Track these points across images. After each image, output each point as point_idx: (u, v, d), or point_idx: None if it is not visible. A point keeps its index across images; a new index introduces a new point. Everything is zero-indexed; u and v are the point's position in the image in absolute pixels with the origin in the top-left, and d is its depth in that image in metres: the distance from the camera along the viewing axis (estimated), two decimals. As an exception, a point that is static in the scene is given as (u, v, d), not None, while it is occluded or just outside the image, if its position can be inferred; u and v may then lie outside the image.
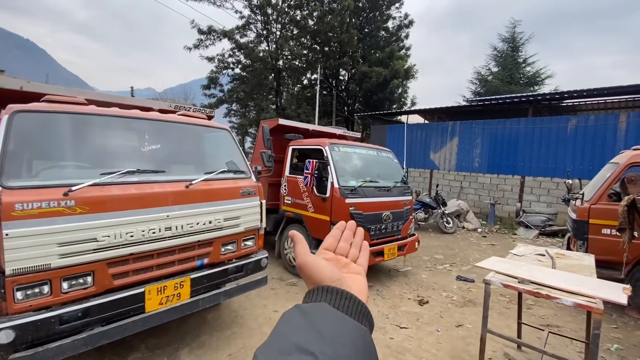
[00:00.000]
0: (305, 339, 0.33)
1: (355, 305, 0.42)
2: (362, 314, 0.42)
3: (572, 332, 3.63)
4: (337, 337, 0.34)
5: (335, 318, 0.37)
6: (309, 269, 0.47)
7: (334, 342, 0.33)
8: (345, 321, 0.38)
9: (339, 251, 0.56)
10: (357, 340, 0.36)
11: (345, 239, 0.58)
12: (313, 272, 0.47)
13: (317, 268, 0.47)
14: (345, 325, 0.37)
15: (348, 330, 0.36)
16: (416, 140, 12.90)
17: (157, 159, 2.73)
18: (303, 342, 0.32)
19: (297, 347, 0.32)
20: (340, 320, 0.37)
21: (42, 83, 3.02)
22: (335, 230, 0.58)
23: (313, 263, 0.48)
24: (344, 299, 0.41)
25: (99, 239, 2.21)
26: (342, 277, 0.47)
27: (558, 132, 9.72)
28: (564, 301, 1.98)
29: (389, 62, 20.03)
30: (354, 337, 0.35)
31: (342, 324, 0.37)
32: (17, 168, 2.16)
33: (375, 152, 5.45)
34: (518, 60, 19.83)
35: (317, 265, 0.47)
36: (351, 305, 0.41)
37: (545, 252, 2.95)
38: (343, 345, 0.33)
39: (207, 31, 18.32)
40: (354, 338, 0.35)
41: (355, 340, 0.35)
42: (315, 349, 0.31)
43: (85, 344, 2.15)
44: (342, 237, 0.58)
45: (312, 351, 0.31)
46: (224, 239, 2.96)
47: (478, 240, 8.23)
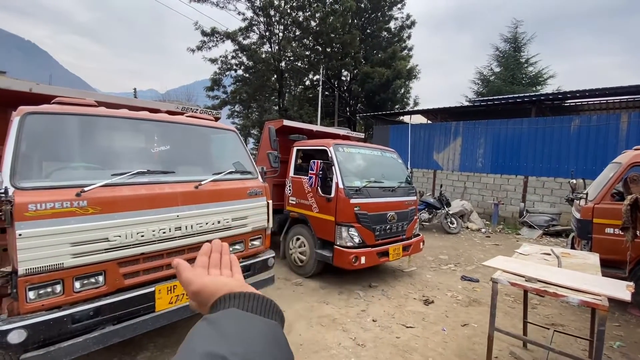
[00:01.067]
0: (214, 345, 0.33)
1: (264, 303, 0.43)
2: (271, 310, 0.43)
3: (576, 330, 3.64)
4: (246, 337, 0.35)
5: (244, 319, 0.39)
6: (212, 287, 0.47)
7: (243, 341, 0.34)
8: (253, 320, 0.39)
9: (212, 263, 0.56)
10: (267, 335, 0.37)
11: (214, 264, 0.56)
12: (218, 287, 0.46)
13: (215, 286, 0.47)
14: (253, 323, 0.38)
15: (257, 327, 0.37)
16: (419, 140, 12.90)
17: (166, 160, 2.76)
18: (213, 349, 0.32)
19: (207, 354, 0.32)
20: (248, 320, 0.39)
21: (50, 85, 3.06)
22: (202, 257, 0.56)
23: (210, 283, 0.48)
24: (252, 300, 0.43)
25: (110, 238, 2.24)
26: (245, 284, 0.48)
27: (561, 132, 9.71)
28: (570, 299, 1.99)
29: (391, 63, 20.05)
30: (263, 333, 0.37)
31: (251, 323, 0.38)
32: (29, 169, 2.19)
33: (380, 153, 5.47)
34: (520, 61, 19.80)
35: (214, 284, 0.47)
36: (259, 304, 0.42)
37: (551, 251, 2.97)
38: (252, 343, 0.34)
39: (210, 33, 18.42)
40: (264, 334, 0.37)
41: (265, 336, 0.37)
42: (226, 352, 0.32)
43: (97, 343, 2.18)
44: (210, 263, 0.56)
45: (223, 354, 0.31)
46: (232, 239, 2.98)
47: (482, 241, 8.23)
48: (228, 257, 0.58)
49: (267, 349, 0.35)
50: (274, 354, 0.35)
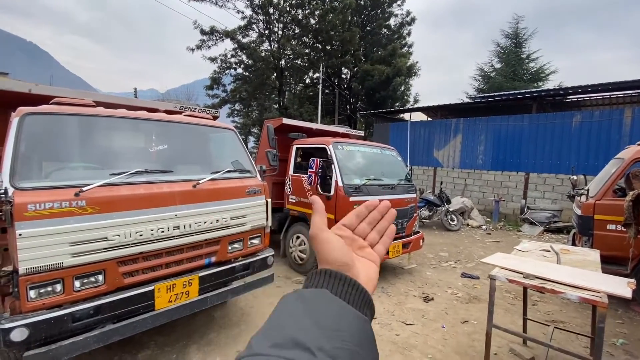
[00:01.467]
0: (302, 331, 0.32)
1: (359, 293, 0.40)
2: (364, 302, 0.40)
3: (577, 327, 3.63)
4: (336, 330, 0.33)
5: (336, 306, 0.36)
6: (320, 244, 0.45)
7: (333, 335, 0.32)
8: (345, 310, 0.36)
9: (358, 231, 0.52)
10: (357, 332, 0.34)
11: (370, 221, 0.53)
12: (323, 249, 0.44)
13: (328, 246, 0.45)
14: (345, 315, 0.36)
15: (348, 320, 0.35)
16: (419, 138, 12.87)
17: (164, 159, 2.77)
18: (300, 335, 0.31)
19: (294, 340, 0.30)
20: (340, 310, 0.36)
21: (49, 86, 3.07)
22: (362, 208, 0.53)
23: (326, 239, 0.45)
24: (347, 285, 0.40)
25: (109, 238, 2.25)
26: (352, 262, 0.44)
27: (562, 128, 9.67)
28: (569, 296, 1.99)
29: (391, 60, 19.99)
30: (354, 329, 0.34)
31: (342, 313, 0.36)
32: (28, 169, 2.20)
33: (379, 150, 5.46)
34: (521, 56, 19.70)
35: (328, 243, 0.45)
36: (354, 293, 0.40)
37: (550, 248, 2.96)
38: (342, 339, 0.32)
39: (209, 32, 18.40)
40: (354, 330, 0.34)
41: (355, 332, 0.34)
42: (312, 344, 0.30)
43: (97, 341, 2.20)
44: (367, 218, 0.53)
45: (309, 346, 0.30)
46: (230, 238, 2.99)
47: (482, 238, 8.22)
48: (387, 224, 0.54)
49: (355, 347, 0.32)
50: (362, 353, 0.33)
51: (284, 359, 0.29)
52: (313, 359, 0.29)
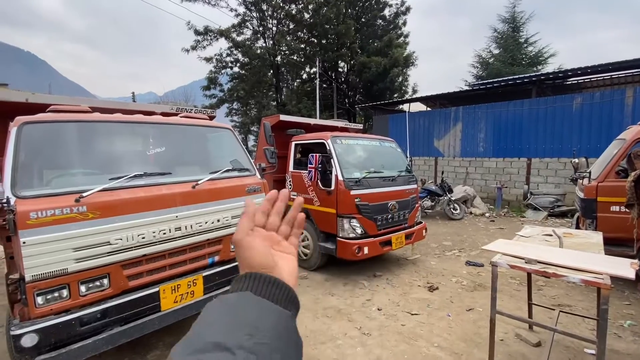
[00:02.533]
0: (222, 333, 0.33)
1: (282, 291, 0.42)
2: (288, 299, 0.42)
3: (583, 310, 3.64)
4: (256, 327, 0.34)
5: (257, 306, 0.37)
6: (244, 249, 0.46)
7: (253, 333, 0.33)
8: (267, 308, 0.38)
9: (269, 226, 0.52)
10: (279, 327, 0.36)
11: (277, 212, 0.53)
12: (246, 254, 0.45)
13: (252, 251, 0.46)
14: (267, 312, 0.37)
15: (270, 317, 0.36)
16: (419, 128, 12.81)
17: (162, 162, 2.78)
18: (220, 337, 0.32)
19: (213, 343, 0.31)
20: (262, 308, 0.37)
21: (46, 94, 3.08)
22: (265, 202, 0.53)
23: (249, 244, 0.46)
24: (270, 285, 0.41)
25: (112, 242, 2.27)
26: (274, 263, 0.46)
27: (563, 112, 9.59)
28: (571, 279, 1.99)
29: (388, 51, 19.85)
30: (275, 324, 0.36)
31: (264, 311, 0.37)
32: (29, 178, 2.22)
33: (378, 143, 5.45)
34: (519, 41, 19.47)
35: (252, 248, 0.46)
36: (277, 291, 0.41)
37: (552, 232, 2.96)
38: (262, 335, 0.33)
39: (203, 32, 18.33)
40: (275, 324, 0.36)
41: (277, 328, 0.35)
42: (232, 344, 0.31)
43: (106, 344, 2.23)
44: (273, 210, 0.53)
45: (229, 346, 0.31)
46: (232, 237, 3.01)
47: (486, 225, 8.21)
48: (296, 212, 0.55)
49: (276, 342, 0.34)
50: (282, 348, 0.34)
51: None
52: (233, 357, 0.30)
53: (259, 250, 0.46)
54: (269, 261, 0.45)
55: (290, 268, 0.49)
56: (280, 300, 0.41)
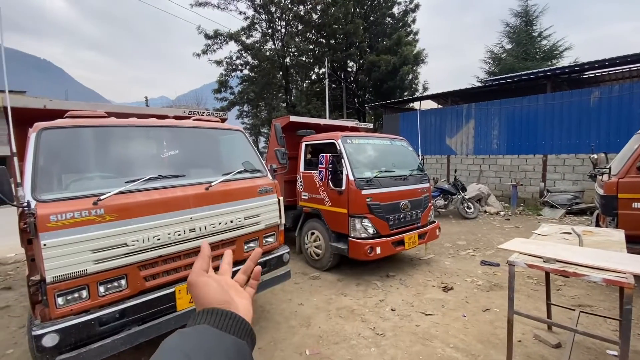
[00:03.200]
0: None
1: (238, 323, 0.44)
2: (244, 331, 0.44)
3: (605, 310, 3.52)
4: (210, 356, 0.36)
5: (213, 337, 0.39)
6: (199, 288, 0.48)
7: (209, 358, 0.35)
8: (223, 338, 0.40)
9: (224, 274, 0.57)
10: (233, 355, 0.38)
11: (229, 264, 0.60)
12: (202, 292, 0.47)
13: (207, 288, 0.48)
14: (222, 342, 0.39)
15: (225, 346, 0.38)
16: (430, 126, 12.66)
17: (176, 164, 2.82)
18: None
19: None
20: (218, 339, 0.39)
21: (63, 100, 3.18)
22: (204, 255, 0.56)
23: (204, 283, 0.48)
24: (227, 318, 0.43)
25: (128, 243, 2.32)
26: (231, 299, 0.48)
27: (580, 106, 9.32)
28: (592, 278, 1.93)
29: (397, 49, 19.69)
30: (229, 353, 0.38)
31: (220, 341, 0.39)
32: (48, 182, 2.29)
33: (389, 142, 5.41)
34: (533, 35, 19.03)
35: (207, 286, 0.48)
36: (233, 323, 0.43)
37: (571, 230, 2.87)
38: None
39: (213, 35, 18.56)
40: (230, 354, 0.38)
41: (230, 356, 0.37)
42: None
43: (124, 343, 2.27)
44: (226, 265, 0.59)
45: None
46: (246, 237, 3.04)
47: (501, 224, 8.05)
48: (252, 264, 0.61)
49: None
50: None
51: None
52: None
53: (214, 287, 0.48)
54: (225, 297, 0.47)
55: (245, 306, 0.51)
56: (237, 332, 0.43)
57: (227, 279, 0.56)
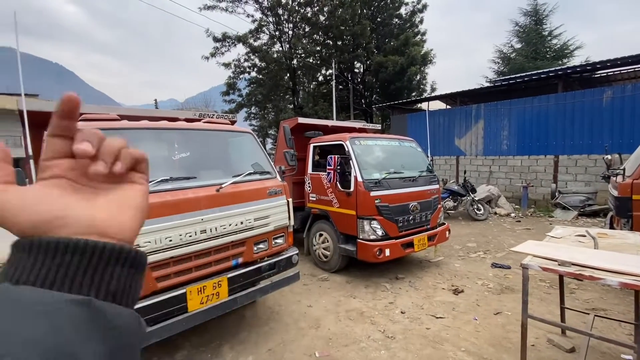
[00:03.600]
0: None
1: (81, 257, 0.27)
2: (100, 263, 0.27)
3: (620, 314, 3.44)
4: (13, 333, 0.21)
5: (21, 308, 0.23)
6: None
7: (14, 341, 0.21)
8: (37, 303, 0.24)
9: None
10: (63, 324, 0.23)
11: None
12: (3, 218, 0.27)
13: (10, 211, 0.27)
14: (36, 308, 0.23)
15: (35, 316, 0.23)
16: (439, 127, 12.57)
17: (187, 166, 2.86)
18: None
19: None
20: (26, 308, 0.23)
21: (78, 104, 3.23)
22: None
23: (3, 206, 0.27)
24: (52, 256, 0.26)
25: (141, 244, 2.35)
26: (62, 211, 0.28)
27: (592, 106, 9.15)
28: (608, 282, 1.89)
29: (405, 50, 19.61)
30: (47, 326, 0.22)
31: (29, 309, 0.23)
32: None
33: (398, 143, 5.38)
34: (543, 34, 18.77)
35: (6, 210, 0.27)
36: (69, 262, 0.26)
37: (585, 233, 2.82)
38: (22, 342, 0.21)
39: (221, 38, 18.75)
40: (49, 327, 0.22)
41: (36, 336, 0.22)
42: None
43: (137, 343, 2.30)
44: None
45: None
46: (255, 238, 3.05)
47: (512, 226, 7.93)
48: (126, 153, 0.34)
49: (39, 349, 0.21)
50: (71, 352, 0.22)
51: None
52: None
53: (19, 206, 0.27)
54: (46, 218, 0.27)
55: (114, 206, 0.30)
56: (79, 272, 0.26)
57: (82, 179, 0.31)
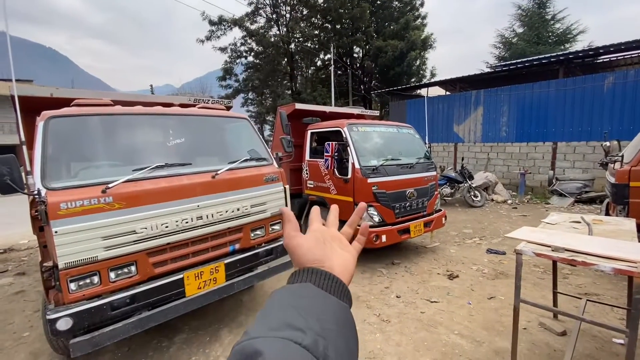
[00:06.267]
0: (293, 316, 0.35)
1: (336, 285, 0.45)
2: (342, 292, 0.45)
3: (612, 299, 3.51)
4: (321, 314, 0.37)
5: (319, 296, 0.41)
6: (294, 249, 0.50)
7: (319, 318, 0.36)
8: (328, 299, 0.41)
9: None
10: (339, 315, 0.39)
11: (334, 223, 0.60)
12: (297, 253, 0.49)
13: (301, 249, 0.49)
14: (328, 302, 0.40)
15: (332, 307, 0.40)
16: (438, 113, 12.47)
17: (182, 152, 2.83)
18: (291, 319, 0.35)
19: (287, 323, 0.34)
20: (323, 298, 0.41)
21: (69, 89, 3.18)
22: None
23: (297, 245, 0.50)
24: (325, 279, 0.44)
25: (137, 231, 2.35)
26: (325, 257, 0.49)
27: (593, 92, 9.07)
28: (601, 267, 1.91)
29: (405, 34, 19.23)
30: (336, 313, 0.39)
31: (325, 301, 0.40)
32: (57, 170, 2.31)
33: (396, 129, 5.34)
34: (545, 18, 18.42)
35: (300, 247, 0.50)
36: (332, 284, 0.44)
37: (580, 219, 2.83)
38: (327, 321, 0.36)
39: (217, 21, 18.31)
40: (337, 314, 0.39)
41: (338, 316, 0.39)
42: (303, 325, 0.34)
43: (135, 327, 2.33)
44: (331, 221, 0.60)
45: (300, 327, 0.34)
46: (252, 225, 3.06)
47: (508, 212, 7.99)
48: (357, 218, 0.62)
49: (339, 329, 0.37)
50: (346, 334, 0.38)
51: (280, 337, 0.32)
52: (304, 336, 0.33)
53: (306, 248, 0.49)
54: (317, 256, 0.48)
55: (345, 264, 0.51)
56: (336, 293, 0.44)
57: (332, 230, 0.57)
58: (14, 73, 3.03)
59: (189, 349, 2.89)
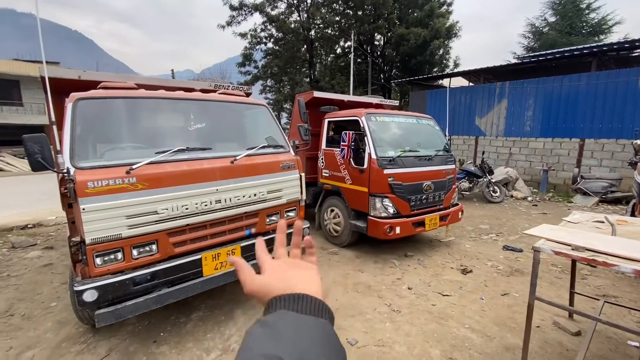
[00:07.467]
0: (269, 346, 0.35)
1: (312, 303, 0.44)
2: (319, 309, 0.44)
3: (631, 302, 3.41)
4: (297, 336, 0.37)
5: (295, 320, 0.41)
6: (258, 292, 0.49)
7: (296, 341, 0.36)
8: (304, 320, 0.41)
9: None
10: (317, 332, 0.39)
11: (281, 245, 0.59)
12: (263, 292, 0.48)
13: (266, 288, 0.48)
14: (304, 323, 0.40)
15: (308, 326, 0.40)
16: (459, 105, 12.13)
17: (203, 137, 2.89)
18: (268, 350, 0.35)
19: (264, 356, 0.34)
20: (299, 321, 0.41)
21: (95, 72, 3.27)
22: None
23: (259, 286, 0.49)
24: (300, 301, 0.44)
25: (159, 211, 2.44)
26: (293, 284, 0.48)
27: (627, 87, 8.57)
28: (622, 268, 1.85)
29: (429, 22, 18.63)
30: (313, 332, 0.39)
31: (302, 323, 0.40)
32: (85, 150, 2.42)
33: (415, 120, 5.25)
34: (580, 7, 17.38)
35: (264, 287, 0.49)
36: (308, 304, 0.44)
37: (604, 219, 2.74)
38: (304, 342, 0.37)
39: (238, 6, 18.24)
40: (313, 332, 0.39)
41: (315, 333, 0.39)
42: (281, 353, 0.34)
43: (155, 303, 2.45)
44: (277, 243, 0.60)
45: (279, 355, 0.34)
46: (268, 210, 3.12)
47: (528, 209, 7.78)
48: (297, 239, 0.61)
49: (319, 348, 0.37)
50: (326, 351, 0.38)
51: None
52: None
53: (270, 283, 0.49)
54: (284, 284, 0.48)
55: (310, 280, 0.51)
56: (314, 311, 0.43)
57: (286, 260, 0.56)
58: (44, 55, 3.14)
59: (205, 326, 3.02)
